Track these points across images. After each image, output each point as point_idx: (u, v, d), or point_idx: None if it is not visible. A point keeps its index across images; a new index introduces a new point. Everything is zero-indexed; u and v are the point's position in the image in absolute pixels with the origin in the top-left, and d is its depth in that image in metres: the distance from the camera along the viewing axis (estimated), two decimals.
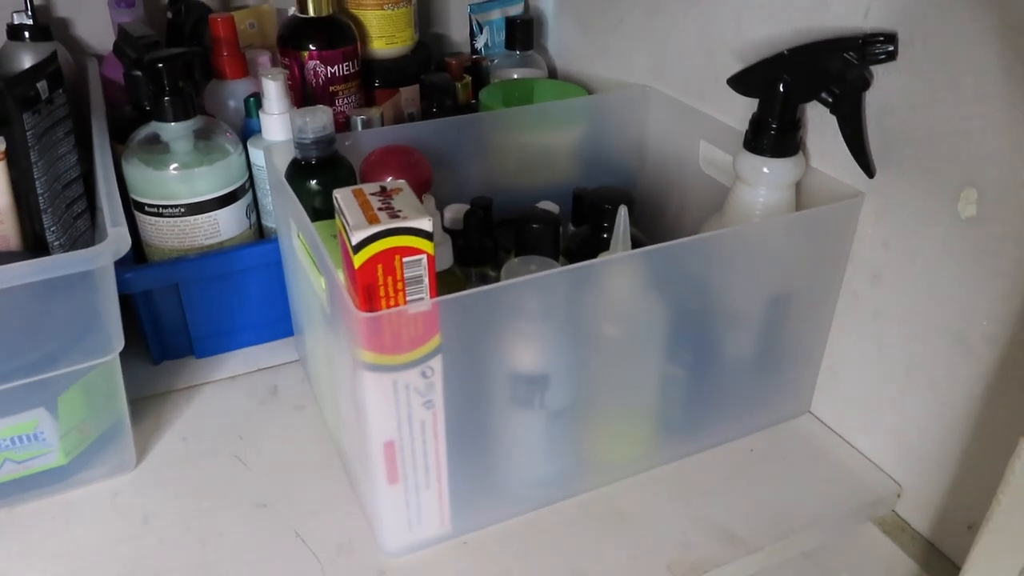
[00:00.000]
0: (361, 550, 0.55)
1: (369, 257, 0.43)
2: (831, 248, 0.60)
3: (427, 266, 0.45)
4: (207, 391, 0.69)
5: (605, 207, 0.62)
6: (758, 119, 0.59)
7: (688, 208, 0.77)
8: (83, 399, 0.57)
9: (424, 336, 0.47)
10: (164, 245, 0.69)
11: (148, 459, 0.62)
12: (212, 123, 0.71)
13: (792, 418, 0.67)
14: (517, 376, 0.52)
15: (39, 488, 0.57)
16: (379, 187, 0.47)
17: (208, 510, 0.58)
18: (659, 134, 0.80)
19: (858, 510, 0.60)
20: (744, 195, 0.61)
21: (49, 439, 0.56)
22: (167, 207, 0.68)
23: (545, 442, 0.56)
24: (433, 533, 0.55)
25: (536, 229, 0.58)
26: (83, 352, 0.54)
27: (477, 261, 0.62)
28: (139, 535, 0.56)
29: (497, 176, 0.78)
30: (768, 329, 0.62)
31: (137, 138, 0.68)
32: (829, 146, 0.60)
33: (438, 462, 0.52)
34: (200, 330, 0.71)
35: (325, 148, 0.62)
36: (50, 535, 0.56)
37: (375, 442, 0.49)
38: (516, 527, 0.57)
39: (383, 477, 0.51)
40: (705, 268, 0.56)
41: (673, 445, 0.63)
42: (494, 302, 0.49)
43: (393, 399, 0.48)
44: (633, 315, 0.55)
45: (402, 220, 0.43)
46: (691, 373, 0.60)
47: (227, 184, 0.69)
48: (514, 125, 0.77)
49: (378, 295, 0.44)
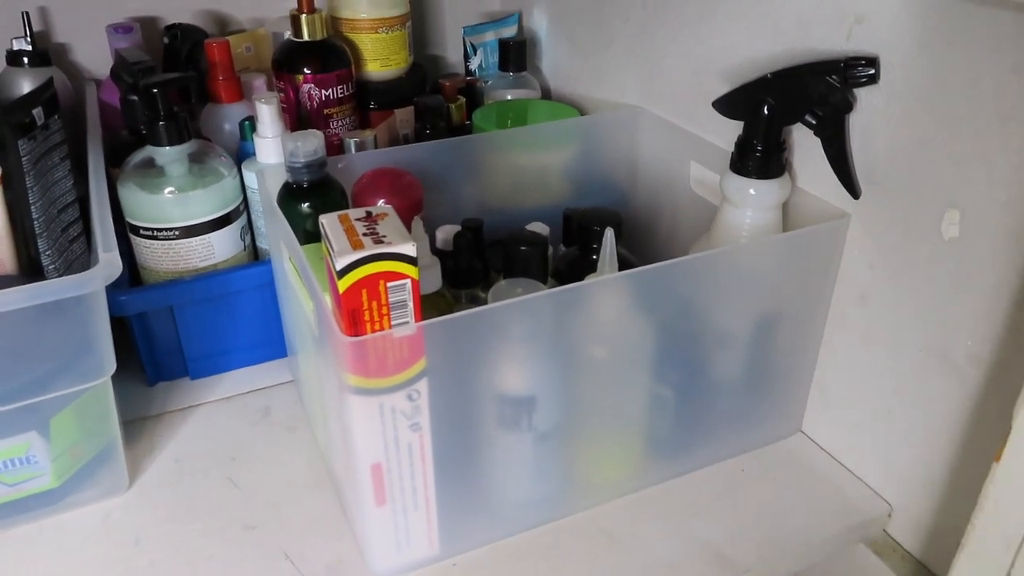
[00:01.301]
0: (350, 572, 0.55)
1: (353, 282, 0.44)
2: (818, 268, 0.60)
3: (411, 290, 0.45)
4: (201, 412, 0.69)
5: (594, 228, 0.63)
6: (743, 141, 0.59)
7: (679, 228, 0.77)
8: (75, 422, 0.57)
9: (409, 360, 0.47)
10: (159, 267, 0.70)
11: (140, 481, 0.62)
12: (207, 146, 0.72)
13: (783, 438, 0.67)
14: (504, 398, 0.53)
15: (31, 511, 0.58)
16: (365, 212, 0.47)
17: (198, 532, 0.58)
18: (650, 154, 0.80)
19: (849, 530, 0.60)
20: (731, 216, 0.61)
21: (41, 462, 0.56)
22: (162, 230, 0.68)
23: (533, 464, 0.56)
24: (422, 555, 0.55)
25: (524, 251, 0.58)
26: (75, 376, 0.55)
27: (467, 283, 0.63)
28: (130, 557, 0.56)
29: (490, 197, 0.79)
30: (757, 349, 0.62)
31: (132, 162, 0.69)
32: (815, 167, 0.61)
33: (425, 484, 0.52)
34: (194, 351, 0.72)
35: (316, 172, 0.63)
36: (41, 558, 0.56)
37: (362, 464, 0.49)
38: (505, 549, 0.57)
39: (371, 499, 0.51)
40: (692, 289, 0.56)
41: (662, 466, 0.63)
42: (480, 325, 0.49)
43: (379, 422, 0.48)
44: (620, 336, 0.56)
45: (386, 245, 0.44)
46: (680, 394, 0.60)
47: (221, 207, 0.70)
48: (507, 146, 0.78)
49: (363, 319, 0.45)
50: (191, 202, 0.69)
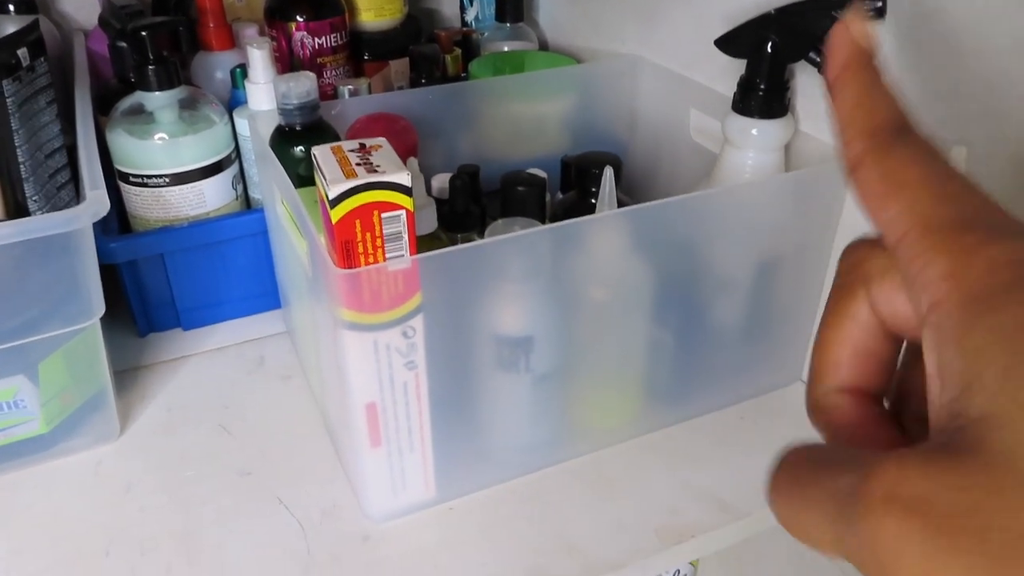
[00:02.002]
0: (345, 516, 0.54)
1: (347, 212, 0.42)
2: (821, 212, 0.59)
3: (406, 222, 0.44)
4: (193, 362, 0.68)
5: (592, 171, 0.61)
6: (746, 80, 0.58)
7: (679, 178, 0.76)
8: (64, 367, 0.56)
9: (404, 295, 0.46)
10: (149, 216, 0.69)
11: (132, 429, 0.61)
12: (197, 93, 0.70)
13: (783, 386, 0.67)
14: (501, 338, 0.52)
15: (21, 457, 0.57)
16: (358, 144, 0.46)
17: (192, 479, 0.57)
18: (649, 104, 0.79)
19: None
20: (732, 158, 0.60)
21: (30, 407, 0.55)
22: (152, 177, 0.67)
23: (531, 406, 0.55)
24: (418, 498, 0.54)
25: (521, 192, 0.57)
26: (63, 318, 0.54)
27: (463, 227, 0.62)
28: (121, 503, 0.55)
29: (486, 147, 0.77)
30: (757, 295, 0.61)
31: (121, 108, 0.68)
32: (818, 109, 0.59)
33: (421, 425, 0.51)
34: (187, 302, 0.70)
35: (309, 114, 0.61)
36: (32, 503, 0.55)
37: (357, 404, 0.48)
38: (503, 493, 0.56)
39: (366, 440, 0.50)
40: (692, 230, 0.55)
41: (661, 412, 0.62)
42: (477, 261, 0.48)
43: (374, 359, 0.47)
44: (619, 278, 0.55)
45: (380, 175, 0.43)
46: (679, 339, 0.59)
47: (212, 154, 0.69)
48: (503, 95, 0.76)
49: (356, 252, 0.44)
50: (181, 148, 0.67)
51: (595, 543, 0.53)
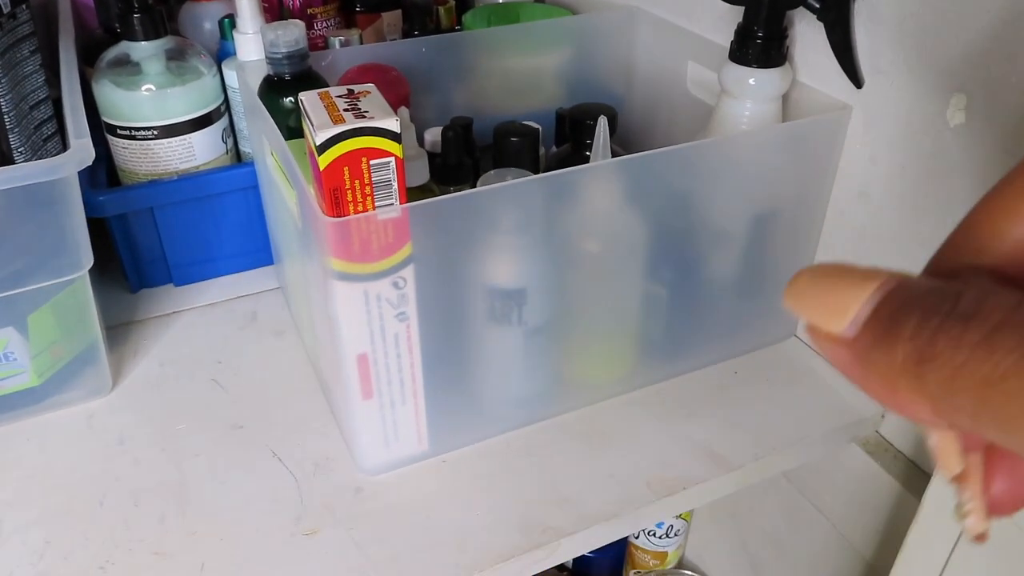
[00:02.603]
0: (338, 468, 0.54)
1: (335, 159, 0.42)
2: (817, 164, 0.59)
3: (396, 170, 0.43)
4: (185, 318, 0.68)
5: (587, 123, 0.60)
6: (744, 28, 0.57)
7: (676, 131, 0.75)
8: (54, 320, 0.56)
9: (395, 244, 0.45)
10: (138, 170, 0.68)
11: (124, 383, 0.61)
12: (185, 44, 0.69)
13: (777, 342, 0.66)
14: (493, 290, 0.51)
15: (13, 409, 0.57)
16: (346, 90, 0.45)
17: (184, 432, 0.57)
18: (646, 55, 0.78)
19: (841, 430, 0.60)
20: (729, 109, 0.59)
21: (20, 359, 0.55)
22: (139, 129, 0.66)
23: (524, 360, 0.55)
24: (410, 451, 0.54)
25: (514, 142, 0.57)
26: (51, 270, 0.53)
27: (456, 179, 0.61)
28: (114, 455, 0.55)
29: (480, 100, 0.76)
30: (753, 248, 0.61)
31: (107, 58, 0.66)
32: (816, 59, 0.58)
33: (413, 377, 0.51)
34: (178, 257, 0.70)
35: (298, 63, 0.60)
36: (24, 456, 0.55)
37: (348, 355, 0.48)
38: (495, 446, 0.56)
39: (357, 392, 0.50)
40: (688, 181, 0.55)
41: (655, 367, 0.62)
42: (468, 212, 0.47)
43: (364, 310, 0.47)
44: (613, 230, 0.54)
45: (368, 120, 0.42)
46: (673, 293, 0.59)
47: (201, 106, 0.68)
48: (497, 46, 0.75)
49: (345, 199, 0.43)
50: (169, 100, 0.66)
51: (587, 495, 0.53)
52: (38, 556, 0.49)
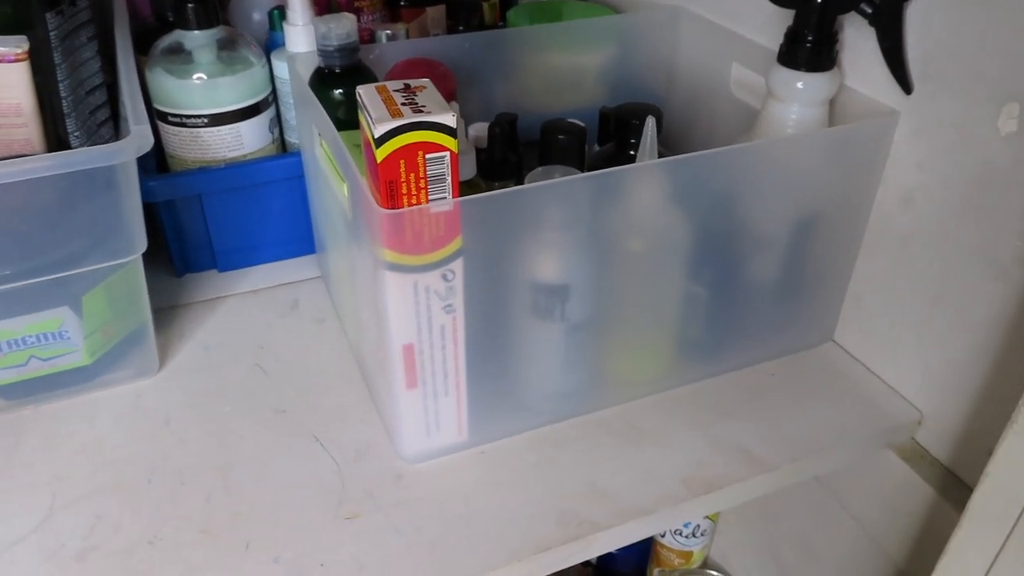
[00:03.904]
0: (378, 455, 0.55)
1: (392, 152, 0.43)
2: (863, 169, 0.59)
3: (450, 164, 0.44)
4: (229, 303, 0.69)
5: (632, 122, 0.61)
6: (793, 31, 0.57)
7: (716, 133, 0.75)
8: (106, 300, 0.57)
9: (446, 237, 0.46)
10: (187, 156, 0.69)
11: (170, 365, 0.63)
12: (235, 34, 0.70)
13: (815, 346, 0.66)
14: (538, 285, 0.52)
15: (64, 387, 0.58)
16: (403, 84, 0.46)
17: (228, 414, 0.58)
18: (689, 56, 0.78)
19: (877, 436, 0.60)
20: (775, 112, 0.59)
21: (73, 338, 0.56)
22: (190, 117, 0.67)
23: (564, 355, 0.56)
24: (450, 441, 0.55)
25: (561, 140, 0.57)
26: (106, 252, 0.54)
27: (501, 175, 0.61)
28: (161, 435, 0.57)
29: (522, 97, 0.77)
30: (793, 252, 0.61)
31: (161, 46, 0.68)
32: (864, 64, 0.58)
33: (457, 368, 0.52)
34: (223, 244, 0.71)
35: (349, 56, 0.61)
36: (75, 432, 0.57)
37: (394, 345, 0.49)
38: (533, 439, 0.57)
39: (401, 381, 0.51)
40: (733, 183, 0.55)
41: (693, 366, 0.62)
42: (517, 207, 0.48)
43: (413, 300, 0.48)
44: (657, 229, 0.55)
45: (426, 115, 0.43)
46: (713, 293, 0.59)
47: (250, 96, 0.69)
48: (541, 44, 0.76)
49: (400, 192, 0.44)
50: (219, 89, 0.67)
51: (624, 490, 0.54)
52: (89, 529, 0.50)
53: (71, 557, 0.48)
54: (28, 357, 0.56)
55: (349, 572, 0.48)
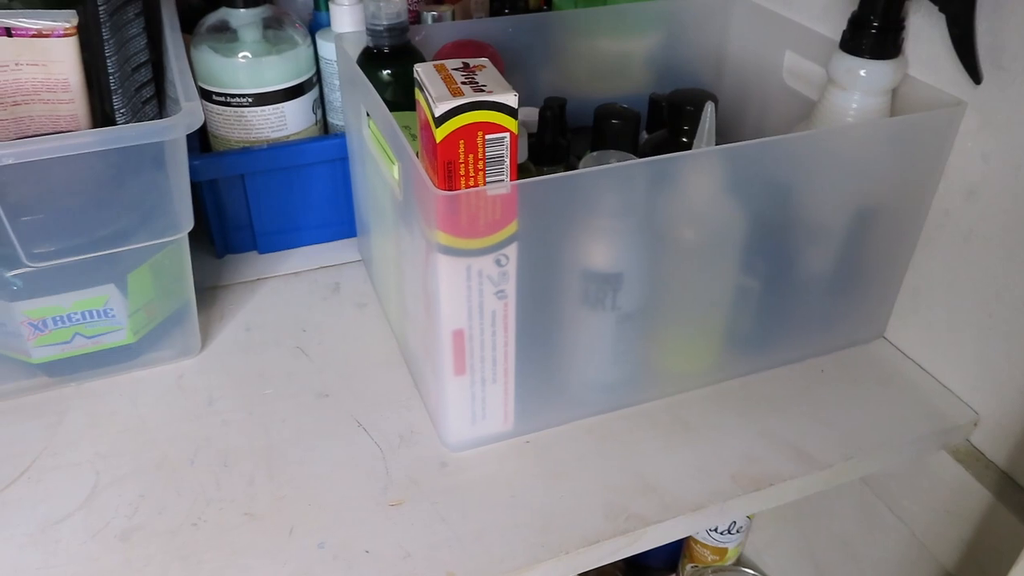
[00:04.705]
0: (423, 442, 0.55)
1: (452, 131, 0.41)
2: (925, 160, 0.57)
3: (510, 146, 0.43)
4: (270, 285, 0.69)
5: (686, 108, 0.59)
6: (858, 17, 0.55)
7: (768, 121, 0.73)
8: (151, 279, 0.57)
9: (501, 221, 0.45)
10: (230, 136, 0.68)
11: (212, 346, 0.62)
12: (281, 13, 0.69)
13: (866, 342, 0.65)
14: (590, 273, 0.51)
15: (108, 365, 0.58)
16: (462, 63, 0.45)
17: (270, 396, 0.58)
18: (740, 43, 0.76)
19: (931, 436, 0.58)
20: (836, 100, 0.58)
21: (118, 316, 0.56)
22: (235, 96, 0.67)
23: (613, 345, 0.54)
24: (496, 430, 0.54)
25: (615, 125, 0.56)
26: (153, 230, 0.54)
27: (551, 160, 0.60)
28: (204, 415, 0.56)
29: (568, 82, 0.75)
30: (849, 245, 0.59)
31: (206, 24, 0.67)
32: (929, 51, 0.56)
33: (506, 356, 0.51)
34: (264, 225, 0.70)
35: (398, 36, 0.60)
36: (118, 410, 0.56)
37: (445, 330, 0.48)
38: (580, 430, 0.56)
39: (450, 367, 0.50)
40: (790, 173, 0.53)
41: (742, 359, 0.61)
42: (572, 192, 0.47)
43: (465, 285, 0.47)
44: (711, 218, 0.53)
45: (487, 94, 0.42)
46: (765, 286, 0.58)
47: (295, 76, 0.68)
48: (588, 28, 0.74)
49: (458, 173, 0.43)
50: (264, 68, 0.67)
51: (672, 484, 0.53)
52: (133, 509, 0.50)
53: (115, 536, 0.48)
54: (73, 334, 0.55)
55: (394, 559, 0.47)
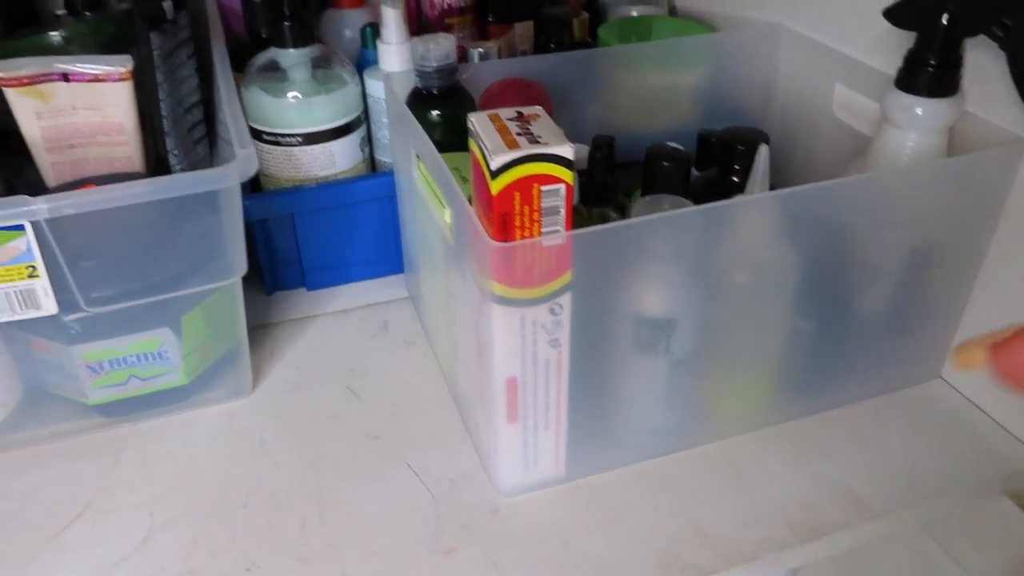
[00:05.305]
0: (474, 486, 0.54)
1: (507, 184, 0.41)
2: (985, 199, 0.56)
3: (565, 197, 0.43)
4: (319, 323, 0.69)
5: (737, 148, 0.59)
6: (915, 55, 0.54)
7: (817, 156, 0.72)
8: (204, 321, 0.57)
9: (556, 271, 0.45)
10: (280, 175, 0.69)
11: (263, 385, 0.63)
12: (329, 52, 0.70)
13: (921, 382, 0.63)
14: (643, 319, 0.50)
15: (161, 406, 0.59)
16: (516, 112, 0.45)
17: (322, 438, 0.58)
18: (788, 76, 0.75)
19: (992, 481, 0.56)
20: (891, 138, 0.57)
21: (172, 358, 0.57)
22: (284, 136, 0.67)
23: (666, 390, 0.54)
24: (547, 475, 0.54)
25: (666, 167, 0.55)
26: (207, 275, 0.54)
27: (600, 200, 0.60)
28: (255, 456, 0.56)
29: (613, 117, 0.75)
30: (906, 285, 0.58)
31: (256, 64, 0.68)
32: (990, 88, 0.55)
33: (559, 403, 0.50)
34: (313, 262, 0.71)
35: (447, 77, 0.60)
36: (171, 451, 0.57)
37: (498, 378, 0.48)
38: (631, 474, 0.55)
39: (503, 415, 0.49)
40: (845, 215, 0.52)
41: (795, 402, 0.60)
42: (626, 240, 0.47)
43: (520, 334, 0.46)
44: (765, 262, 0.52)
45: (543, 146, 0.41)
46: (819, 328, 0.57)
47: (344, 115, 0.69)
48: (635, 63, 0.74)
49: (513, 225, 0.43)
50: (314, 107, 0.67)
51: (727, 532, 0.52)
52: (187, 553, 0.50)
53: None
54: (128, 376, 0.56)
55: None
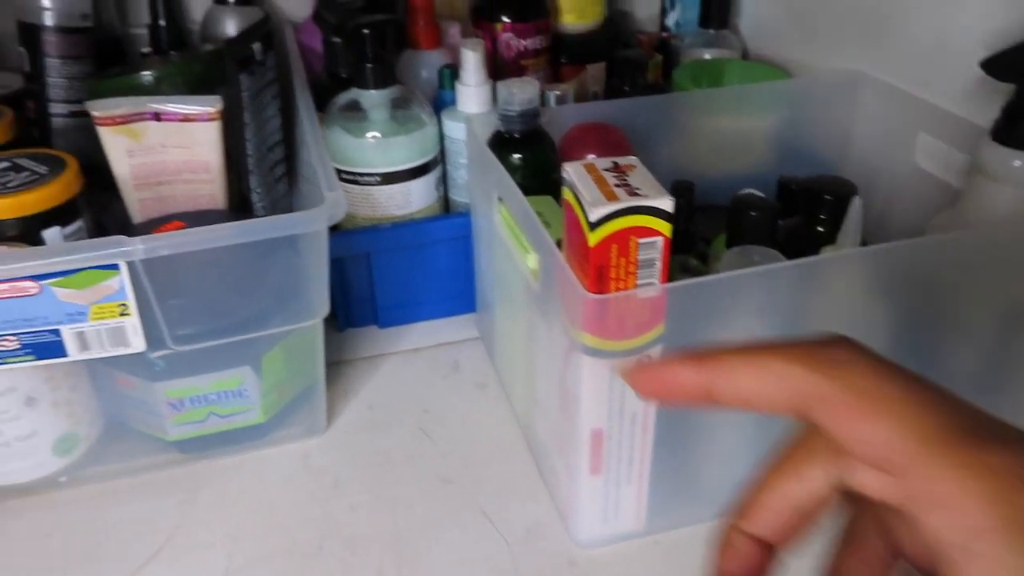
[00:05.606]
0: (550, 536, 0.53)
1: (605, 236, 0.41)
2: None
3: (662, 249, 0.42)
4: (391, 361, 0.69)
5: (824, 197, 0.58)
6: (1013, 106, 0.53)
7: (896, 206, 0.71)
8: (284, 361, 0.58)
9: (649, 323, 0.44)
10: (357, 213, 0.70)
11: (337, 424, 0.63)
12: (408, 93, 0.71)
13: None
14: None
15: (238, 443, 0.59)
16: (612, 163, 0.44)
17: (396, 480, 0.58)
18: (868, 123, 0.74)
19: None
20: (987, 192, 0.55)
21: (251, 396, 0.57)
22: (363, 175, 0.68)
23: (752, 444, 0.52)
24: (626, 529, 0.53)
25: (754, 217, 0.54)
26: (291, 314, 0.55)
27: (681, 248, 0.59)
28: (330, 498, 0.56)
29: (687, 161, 0.74)
30: (999, 342, 0.56)
31: (338, 104, 0.69)
32: None
33: (643, 457, 0.49)
34: (386, 300, 0.71)
35: (530, 121, 0.61)
36: (247, 490, 0.57)
37: (583, 430, 0.47)
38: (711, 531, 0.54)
39: (586, 466, 0.49)
40: (939, 270, 0.51)
41: None
42: (718, 293, 0.46)
43: (608, 387, 0.46)
44: (854, 317, 0.51)
45: (642, 199, 0.41)
46: None
47: (422, 155, 0.69)
48: (711, 108, 0.73)
49: (608, 277, 0.42)
50: (393, 148, 0.68)
51: None
52: None
53: None
54: (208, 414, 0.56)
55: None
